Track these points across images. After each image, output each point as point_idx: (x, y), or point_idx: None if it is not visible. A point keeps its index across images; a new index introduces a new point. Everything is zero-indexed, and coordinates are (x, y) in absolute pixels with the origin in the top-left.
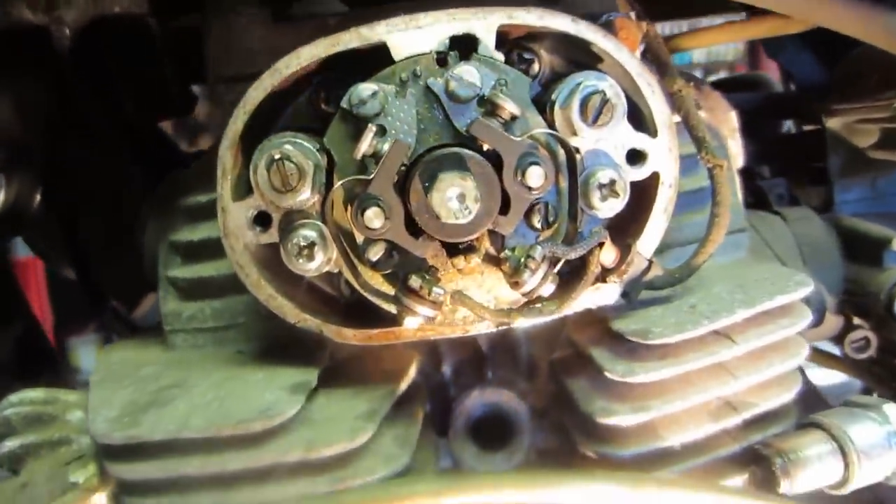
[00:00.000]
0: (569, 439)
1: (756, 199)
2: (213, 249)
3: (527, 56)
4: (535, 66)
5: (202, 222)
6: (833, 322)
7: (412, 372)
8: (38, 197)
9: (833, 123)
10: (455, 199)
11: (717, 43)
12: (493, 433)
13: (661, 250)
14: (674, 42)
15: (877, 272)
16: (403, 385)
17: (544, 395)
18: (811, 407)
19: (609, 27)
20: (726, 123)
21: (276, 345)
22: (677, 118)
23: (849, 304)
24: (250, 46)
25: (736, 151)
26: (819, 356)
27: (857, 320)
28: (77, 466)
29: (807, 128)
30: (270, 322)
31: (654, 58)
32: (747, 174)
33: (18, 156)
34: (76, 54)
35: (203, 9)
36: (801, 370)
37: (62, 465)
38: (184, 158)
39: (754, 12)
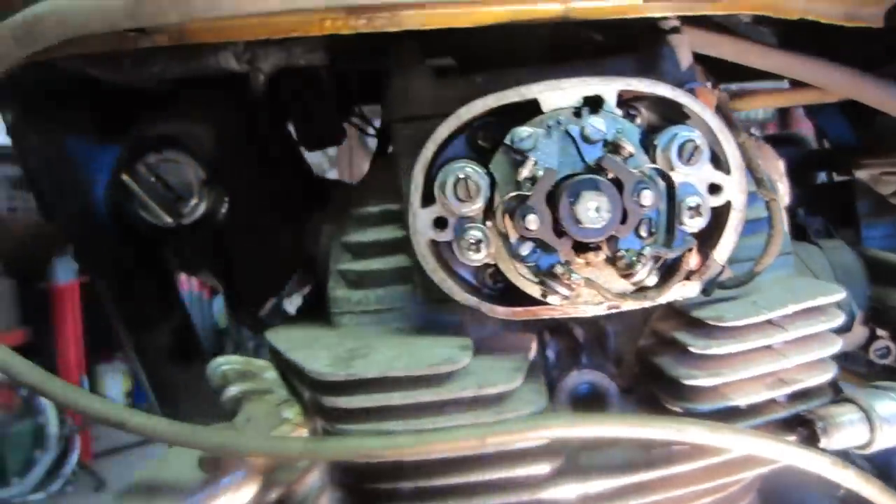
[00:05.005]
0: (653, 407)
1: (798, 234)
2: (379, 248)
3: (632, 112)
4: (638, 120)
5: (371, 228)
6: (860, 333)
7: (534, 347)
8: (225, 210)
9: (861, 174)
10: (593, 209)
11: (766, 106)
12: (587, 407)
13: (731, 262)
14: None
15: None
16: (531, 354)
17: (628, 377)
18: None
19: (692, 92)
20: (775, 169)
21: (428, 326)
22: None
23: (873, 319)
24: (423, 94)
25: (784, 191)
26: (847, 373)
27: (880, 332)
28: (286, 407)
29: (839, 178)
30: (425, 307)
31: (723, 117)
32: (791, 214)
33: (216, 174)
34: (265, 95)
35: (373, 60)
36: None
37: (274, 406)
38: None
39: (797, 83)
